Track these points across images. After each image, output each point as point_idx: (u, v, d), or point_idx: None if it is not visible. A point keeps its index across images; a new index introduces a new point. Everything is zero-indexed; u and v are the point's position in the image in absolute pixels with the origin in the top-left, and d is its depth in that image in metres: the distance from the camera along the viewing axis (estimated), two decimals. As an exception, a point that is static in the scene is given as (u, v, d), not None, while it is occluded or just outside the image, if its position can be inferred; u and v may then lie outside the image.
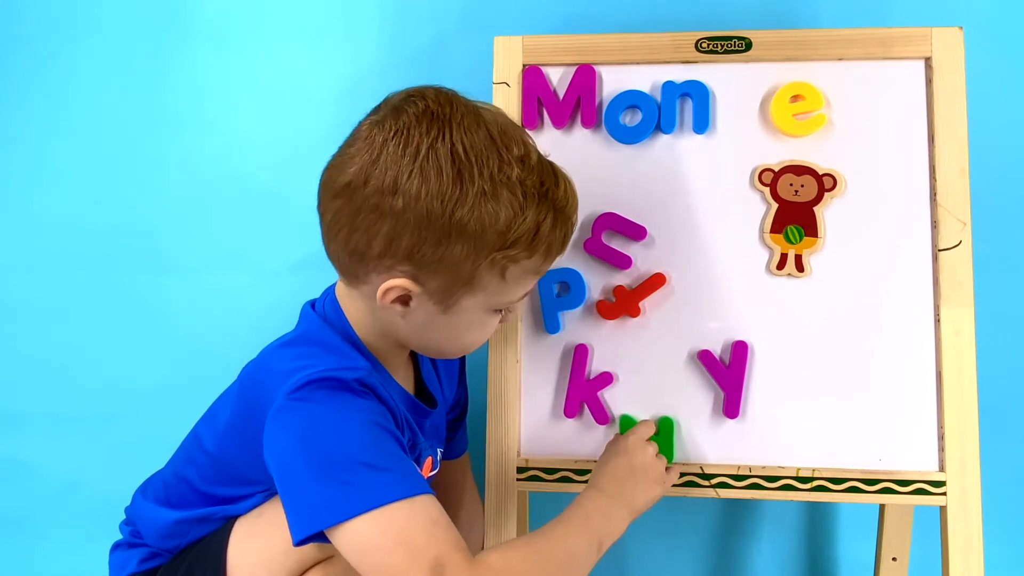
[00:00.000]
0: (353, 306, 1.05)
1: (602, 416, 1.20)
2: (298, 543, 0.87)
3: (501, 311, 1.04)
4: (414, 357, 1.17)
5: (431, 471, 1.18)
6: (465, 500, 1.40)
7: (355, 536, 0.85)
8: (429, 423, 1.16)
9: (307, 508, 0.87)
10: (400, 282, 0.95)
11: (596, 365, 1.21)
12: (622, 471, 1.10)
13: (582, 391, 1.20)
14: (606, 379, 1.20)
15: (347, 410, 0.92)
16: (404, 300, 0.97)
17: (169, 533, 1.11)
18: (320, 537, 0.87)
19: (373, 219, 0.92)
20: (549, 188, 0.97)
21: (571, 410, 1.20)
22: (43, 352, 1.61)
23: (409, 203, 0.90)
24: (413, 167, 0.90)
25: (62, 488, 1.61)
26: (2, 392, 1.61)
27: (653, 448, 1.15)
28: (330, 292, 1.08)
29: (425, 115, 0.93)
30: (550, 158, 1.02)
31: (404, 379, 1.13)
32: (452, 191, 0.91)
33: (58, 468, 1.61)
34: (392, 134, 0.92)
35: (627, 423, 1.19)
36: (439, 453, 1.22)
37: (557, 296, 1.22)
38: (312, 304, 1.10)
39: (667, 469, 1.15)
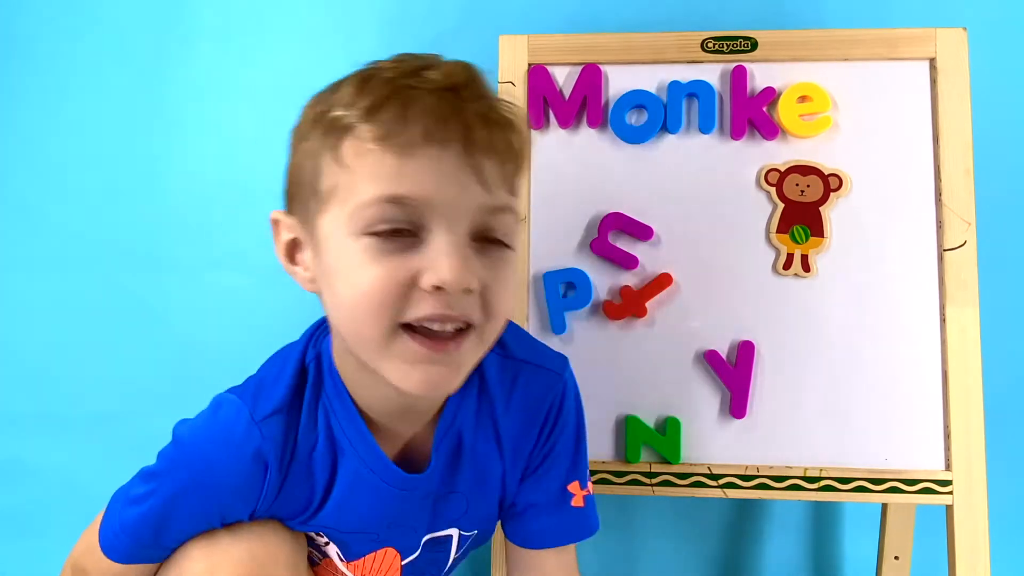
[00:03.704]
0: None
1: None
2: None
3: (371, 236, 0.75)
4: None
5: (379, 562, 0.98)
6: None
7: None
8: (423, 496, 0.93)
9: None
10: (272, 218, 0.86)
11: (604, 366, 1.21)
12: None
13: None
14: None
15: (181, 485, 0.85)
16: (291, 250, 0.85)
17: None
18: None
19: None
20: (388, 65, 0.80)
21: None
22: (43, 352, 1.60)
23: None
24: None
25: (62, 488, 1.60)
26: (2, 392, 1.60)
27: None
28: None
29: None
30: (554, 157, 1.08)
31: (407, 427, 0.92)
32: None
33: (58, 468, 1.60)
34: None
35: (634, 424, 1.19)
36: (452, 534, 1.00)
37: (563, 297, 1.22)
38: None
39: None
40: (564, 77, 1.25)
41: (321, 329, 0.94)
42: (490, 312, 0.79)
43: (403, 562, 0.98)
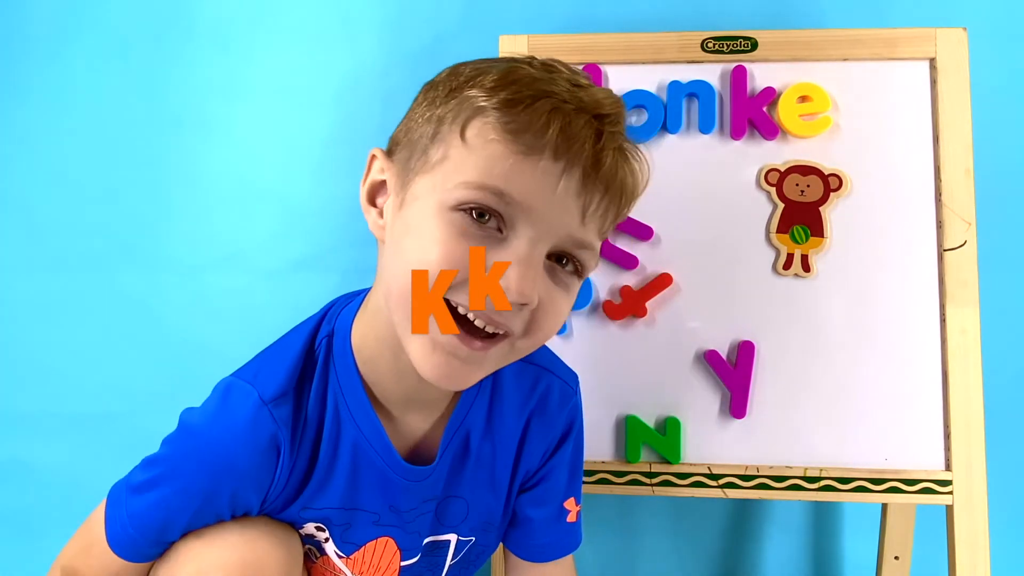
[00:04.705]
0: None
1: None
2: None
3: (460, 213, 0.74)
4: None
5: (389, 557, 0.97)
6: None
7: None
8: (427, 499, 0.94)
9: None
10: (371, 153, 0.84)
11: (604, 366, 1.21)
12: None
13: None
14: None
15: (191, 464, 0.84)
16: (374, 191, 0.85)
17: None
18: None
19: None
20: (539, 66, 0.80)
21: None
22: (43, 352, 1.59)
23: None
24: None
25: (62, 488, 1.60)
26: (2, 392, 1.60)
27: None
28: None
29: None
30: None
31: (417, 418, 0.92)
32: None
33: (58, 468, 1.60)
34: None
35: (633, 423, 1.19)
36: (451, 539, 1.00)
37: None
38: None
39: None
40: (564, 77, 1.25)
41: (338, 305, 0.93)
42: (533, 330, 0.79)
43: (402, 563, 0.97)
